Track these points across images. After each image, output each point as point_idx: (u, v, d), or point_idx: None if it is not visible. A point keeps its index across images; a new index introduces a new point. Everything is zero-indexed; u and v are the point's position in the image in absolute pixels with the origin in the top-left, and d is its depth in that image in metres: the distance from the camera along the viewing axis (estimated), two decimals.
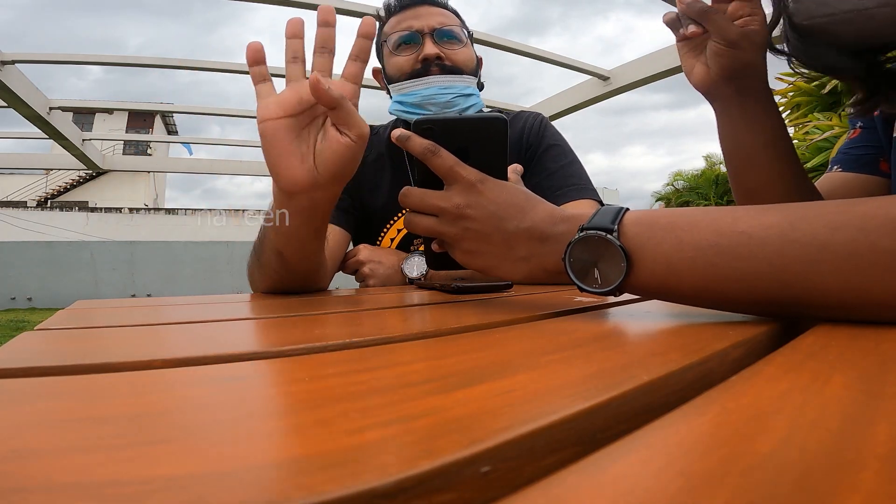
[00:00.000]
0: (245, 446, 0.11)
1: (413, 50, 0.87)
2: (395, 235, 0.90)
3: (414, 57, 0.86)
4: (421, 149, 0.39)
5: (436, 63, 0.85)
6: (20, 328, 4.78)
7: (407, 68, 0.87)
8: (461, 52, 0.88)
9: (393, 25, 0.89)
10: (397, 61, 0.88)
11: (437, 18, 0.87)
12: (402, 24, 0.88)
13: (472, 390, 0.15)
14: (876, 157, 0.63)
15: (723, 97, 0.56)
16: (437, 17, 0.87)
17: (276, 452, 0.11)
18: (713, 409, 0.14)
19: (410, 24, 0.87)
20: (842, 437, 0.11)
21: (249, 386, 0.17)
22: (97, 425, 0.13)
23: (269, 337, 0.32)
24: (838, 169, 0.66)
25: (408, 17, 0.88)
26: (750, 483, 0.09)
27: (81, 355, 0.24)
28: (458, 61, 0.87)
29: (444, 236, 0.39)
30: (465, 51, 0.88)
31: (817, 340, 0.22)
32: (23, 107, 3.67)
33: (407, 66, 0.87)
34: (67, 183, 15.62)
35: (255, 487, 0.09)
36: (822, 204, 0.26)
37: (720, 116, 0.58)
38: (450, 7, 0.91)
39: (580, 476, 0.10)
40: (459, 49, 0.88)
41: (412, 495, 0.09)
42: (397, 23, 0.88)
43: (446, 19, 0.88)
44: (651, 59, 3.39)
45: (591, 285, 0.32)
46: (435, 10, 0.88)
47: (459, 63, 0.87)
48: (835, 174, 0.66)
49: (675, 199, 11.25)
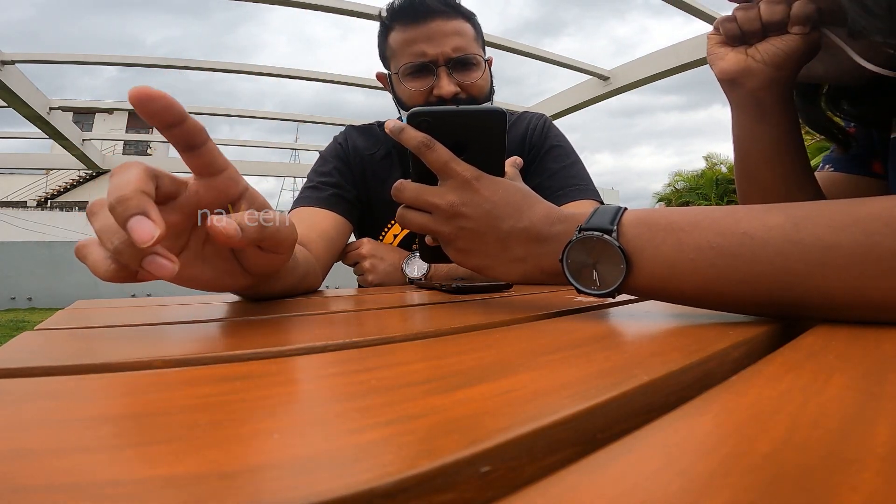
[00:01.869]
0: (245, 446, 0.11)
1: (426, 81, 0.81)
2: (399, 232, 0.90)
3: (428, 90, 0.81)
4: (415, 142, 0.37)
5: (452, 100, 0.80)
6: (20, 328, 4.78)
7: (420, 100, 0.82)
8: (478, 82, 0.82)
9: (402, 44, 0.81)
10: (409, 91, 0.82)
11: (452, 42, 0.80)
12: (413, 46, 0.80)
13: (472, 390, 0.15)
14: (868, 158, 0.63)
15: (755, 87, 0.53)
16: (452, 41, 0.80)
17: (275, 452, 0.11)
18: (713, 409, 0.14)
19: (423, 51, 0.80)
20: (842, 437, 0.11)
21: (249, 386, 0.17)
22: (97, 425, 0.13)
23: (269, 337, 0.32)
24: (830, 168, 0.66)
25: (420, 38, 0.80)
26: (750, 483, 0.09)
27: (81, 355, 0.24)
28: (474, 92, 0.82)
29: (437, 234, 0.38)
30: (482, 77, 0.83)
31: (817, 340, 0.22)
32: (23, 107, 3.67)
33: (420, 98, 0.82)
34: (67, 183, 15.61)
35: (255, 487, 0.09)
36: (825, 204, 0.26)
37: (741, 109, 0.55)
38: (463, 11, 0.83)
39: (580, 476, 0.10)
40: (476, 78, 0.82)
41: (412, 495, 0.09)
42: (407, 42, 0.81)
43: (462, 40, 0.81)
44: (651, 59, 3.39)
45: (590, 287, 0.31)
46: (450, 28, 0.80)
47: (476, 93, 0.82)
48: (827, 173, 0.66)
49: (675, 200, 11.24)
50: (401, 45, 0.82)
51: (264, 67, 3.99)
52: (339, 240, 0.80)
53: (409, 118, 0.38)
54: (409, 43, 0.81)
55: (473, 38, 0.84)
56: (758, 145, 0.56)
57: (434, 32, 0.80)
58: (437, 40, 0.80)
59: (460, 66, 0.81)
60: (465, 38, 0.82)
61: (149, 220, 0.26)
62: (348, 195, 0.85)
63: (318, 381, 0.18)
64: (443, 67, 0.80)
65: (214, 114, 5.33)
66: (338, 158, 0.89)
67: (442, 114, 0.38)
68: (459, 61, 0.81)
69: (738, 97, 0.55)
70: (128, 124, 15.26)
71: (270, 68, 3.99)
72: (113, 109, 11.26)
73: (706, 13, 2.76)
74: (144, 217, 0.26)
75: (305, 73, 3.97)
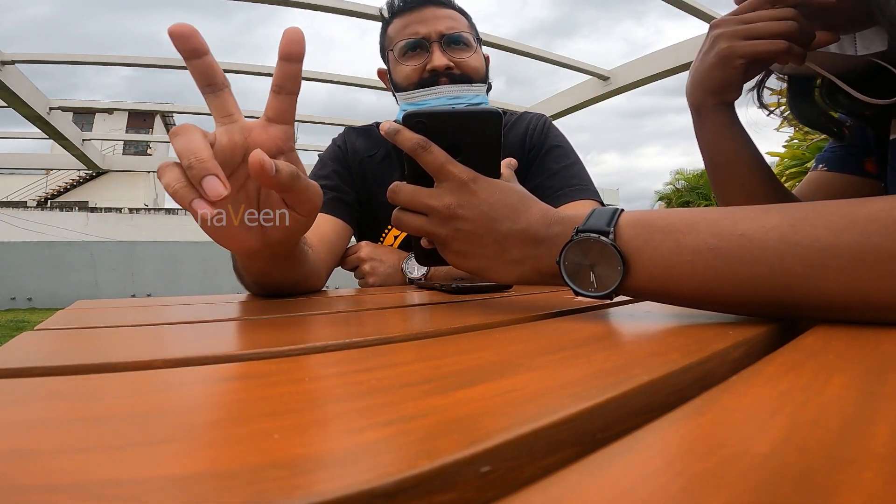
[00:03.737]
0: (245, 446, 0.11)
1: (420, 58, 0.83)
2: (399, 234, 0.90)
3: (421, 66, 0.83)
4: (411, 144, 0.37)
5: (445, 73, 0.82)
6: (20, 328, 4.78)
7: (414, 77, 0.83)
8: (471, 59, 0.84)
9: (398, 29, 0.85)
10: (404, 69, 0.84)
11: (445, 23, 0.83)
12: (407, 28, 0.84)
13: (472, 390, 0.15)
14: (861, 158, 0.63)
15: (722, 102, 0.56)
16: (444, 21, 0.83)
17: (275, 452, 0.11)
18: (713, 409, 0.14)
19: (416, 30, 0.83)
20: (842, 437, 0.11)
21: (249, 386, 0.17)
22: (97, 425, 0.13)
23: (269, 337, 0.32)
24: (823, 168, 0.66)
25: (413, 21, 0.83)
26: (750, 483, 0.09)
27: (81, 355, 0.24)
28: (467, 69, 0.83)
29: (434, 237, 0.38)
30: (474, 57, 0.85)
31: (817, 340, 0.22)
32: (23, 107, 3.67)
33: (414, 75, 0.83)
34: (67, 183, 15.62)
35: (255, 487, 0.09)
36: (823, 205, 0.25)
37: (717, 124, 0.57)
38: (457, 6, 0.87)
39: (580, 476, 0.10)
40: (469, 56, 0.84)
41: (412, 495, 0.09)
42: (402, 27, 0.84)
43: (455, 23, 0.84)
44: (651, 59, 3.39)
45: (587, 288, 0.31)
46: (442, 13, 0.84)
47: (469, 71, 0.84)
48: (820, 173, 0.66)
49: (675, 200, 11.25)
50: (396, 31, 0.85)
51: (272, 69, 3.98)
52: (339, 243, 0.80)
53: (404, 119, 0.38)
54: (404, 27, 0.84)
55: (466, 25, 0.87)
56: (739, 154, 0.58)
57: (427, 16, 0.84)
58: (429, 21, 0.83)
59: (453, 43, 0.84)
60: (458, 22, 0.85)
61: (218, 180, 0.31)
62: (347, 198, 0.86)
63: (318, 382, 0.18)
64: (436, 43, 0.83)
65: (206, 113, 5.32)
66: (336, 161, 0.90)
67: (437, 115, 0.38)
68: (452, 39, 0.83)
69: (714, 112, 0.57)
70: (128, 124, 15.27)
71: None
72: (113, 109, 11.27)
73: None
74: (216, 177, 0.32)
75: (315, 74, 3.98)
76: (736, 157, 0.57)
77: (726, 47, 0.51)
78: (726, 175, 0.58)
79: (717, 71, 0.53)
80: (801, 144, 2.48)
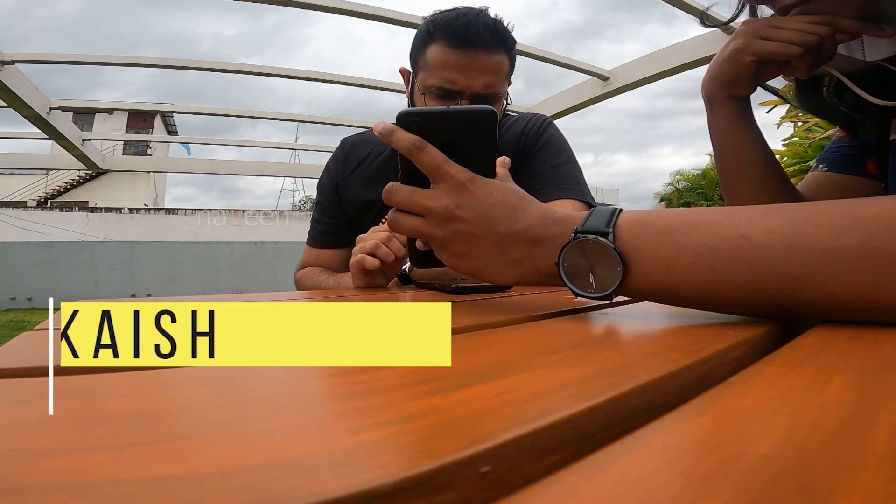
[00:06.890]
0: (245, 446, 0.11)
1: (445, 102, 0.81)
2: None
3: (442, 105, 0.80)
4: (406, 144, 0.36)
5: None
6: (20, 328, 4.78)
7: None
8: None
9: (437, 62, 0.80)
10: (424, 100, 0.83)
11: (485, 79, 0.80)
12: (446, 71, 0.80)
13: (472, 390, 0.15)
14: (862, 158, 0.63)
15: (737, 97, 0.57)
16: (485, 78, 0.80)
17: (276, 452, 0.11)
18: (713, 409, 0.14)
19: (454, 79, 0.79)
20: (842, 437, 0.11)
21: (249, 386, 0.17)
22: (97, 425, 0.13)
23: None
24: (824, 168, 0.66)
25: (456, 66, 0.79)
26: (750, 483, 0.09)
27: None
28: None
29: (431, 238, 0.38)
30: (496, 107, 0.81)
31: (817, 340, 0.22)
32: (23, 107, 3.67)
33: None
34: (67, 183, 15.62)
35: (255, 487, 0.09)
36: (824, 206, 0.25)
37: (727, 116, 0.58)
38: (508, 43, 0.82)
39: (580, 476, 0.10)
40: None
41: (412, 495, 0.09)
42: (443, 64, 0.80)
43: (495, 78, 0.81)
44: (651, 59, 3.39)
45: (586, 289, 0.31)
46: (488, 64, 0.80)
47: None
48: (820, 173, 0.66)
49: (676, 200, 11.24)
50: (436, 65, 0.81)
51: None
52: (341, 269, 0.94)
53: (399, 119, 0.38)
54: (444, 66, 0.80)
55: (505, 74, 0.84)
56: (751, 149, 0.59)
57: (472, 65, 0.79)
58: (471, 74, 0.80)
59: (482, 101, 0.81)
60: (499, 75, 0.82)
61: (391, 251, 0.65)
62: (340, 227, 0.96)
63: (318, 381, 0.18)
64: (466, 99, 0.81)
65: (206, 113, 5.34)
66: (325, 192, 0.98)
67: (432, 114, 0.38)
68: (484, 98, 0.81)
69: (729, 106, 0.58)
70: (128, 124, 15.26)
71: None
72: (113, 110, 11.27)
73: None
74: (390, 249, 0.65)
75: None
76: (744, 150, 0.58)
77: (741, 43, 0.53)
78: (733, 167, 0.59)
79: (728, 65, 0.55)
80: (803, 142, 2.48)
